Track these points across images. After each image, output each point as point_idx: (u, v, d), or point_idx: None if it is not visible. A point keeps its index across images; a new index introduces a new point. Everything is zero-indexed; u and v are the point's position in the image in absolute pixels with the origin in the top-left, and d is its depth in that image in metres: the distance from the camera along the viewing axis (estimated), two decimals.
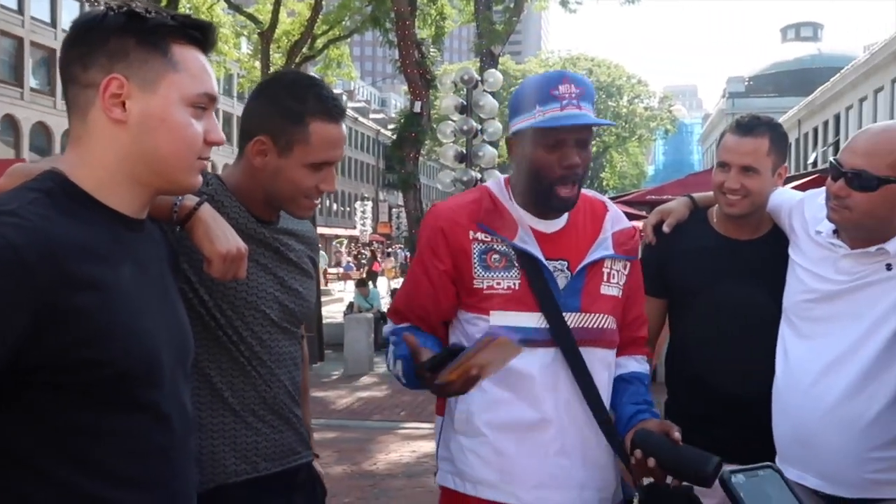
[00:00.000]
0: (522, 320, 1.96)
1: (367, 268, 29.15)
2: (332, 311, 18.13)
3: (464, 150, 11.77)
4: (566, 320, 1.99)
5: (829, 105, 34.48)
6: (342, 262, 36.27)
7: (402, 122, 15.56)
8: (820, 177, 9.67)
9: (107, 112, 1.34)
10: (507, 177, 2.15)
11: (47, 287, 1.19)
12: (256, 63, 23.97)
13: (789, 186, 2.69)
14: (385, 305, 15.78)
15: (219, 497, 1.85)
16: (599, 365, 2.06)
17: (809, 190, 2.50)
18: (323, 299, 16.48)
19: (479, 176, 11.49)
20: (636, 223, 2.58)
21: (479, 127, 11.74)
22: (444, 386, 1.76)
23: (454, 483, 2.04)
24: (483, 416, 1.99)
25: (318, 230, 3.05)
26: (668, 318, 2.74)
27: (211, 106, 1.44)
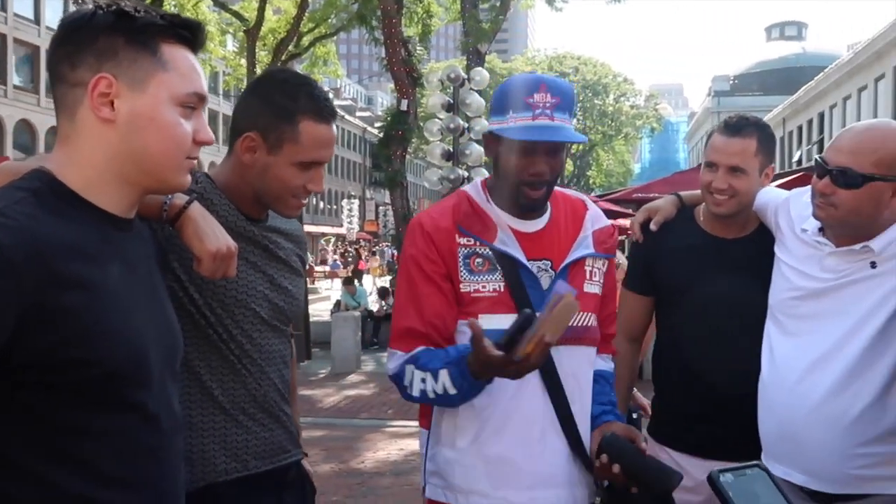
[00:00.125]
0: (509, 322, 1.95)
1: (353, 266, 29.10)
2: (318, 310, 18.10)
3: (451, 149, 11.77)
4: None
5: (814, 104, 34.69)
6: (328, 260, 36.16)
7: (388, 120, 15.53)
8: (805, 175, 9.74)
9: (95, 111, 1.34)
10: (484, 179, 2.15)
11: (34, 287, 1.19)
12: (242, 61, 23.84)
13: (774, 185, 2.71)
14: (372, 304, 15.77)
15: (209, 495, 1.85)
16: (584, 363, 2.07)
17: (795, 188, 2.52)
18: (310, 297, 16.43)
19: (465, 174, 11.49)
20: (623, 221, 2.59)
21: (466, 125, 11.75)
22: (522, 362, 1.68)
23: (445, 496, 2.03)
24: (470, 425, 1.99)
25: (305, 228, 3.04)
26: (656, 316, 2.76)
27: (200, 105, 1.44)
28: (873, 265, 2.15)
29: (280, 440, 1.99)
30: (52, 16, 35.20)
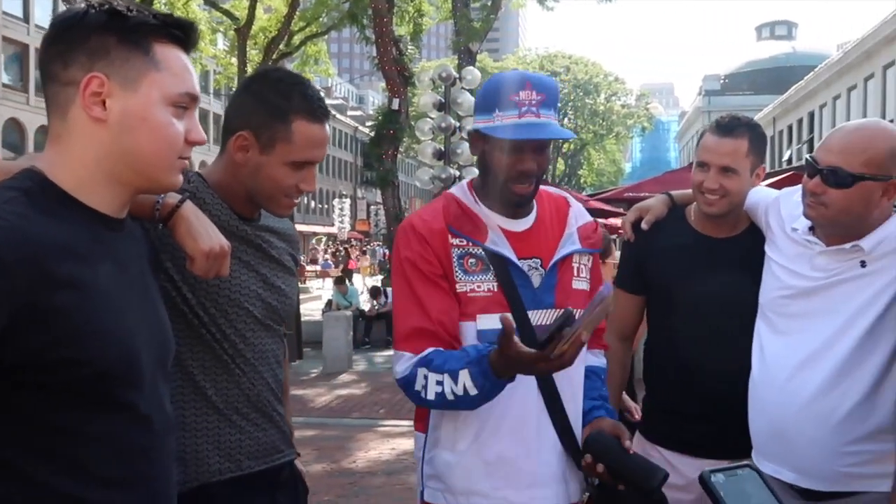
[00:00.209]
0: None
1: (342, 265, 29.04)
2: (310, 309, 18.07)
3: (442, 148, 11.78)
4: (544, 317, 2.00)
5: (804, 103, 34.85)
6: (318, 260, 36.10)
7: (379, 119, 15.56)
8: (795, 174, 9.79)
9: (87, 110, 1.33)
10: (470, 180, 2.15)
11: (25, 287, 1.19)
12: (233, 60, 23.83)
13: (765, 184, 2.72)
14: (364, 303, 15.76)
15: (203, 496, 1.84)
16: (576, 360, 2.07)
17: (785, 188, 2.53)
18: (301, 297, 16.45)
19: (457, 173, 11.51)
20: (614, 221, 2.60)
21: (458, 124, 11.75)
22: (555, 360, 1.64)
23: (445, 499, 2.02)
24: (469, 427, 1.98)
25: (296, 227, 3.02)
26: (647, 315, 2.76)
27: (192, 105, 1.44)
28: (863, 264, 2.16)
29: (273, 440, 1.99)
30: (42, 14, 35.03)
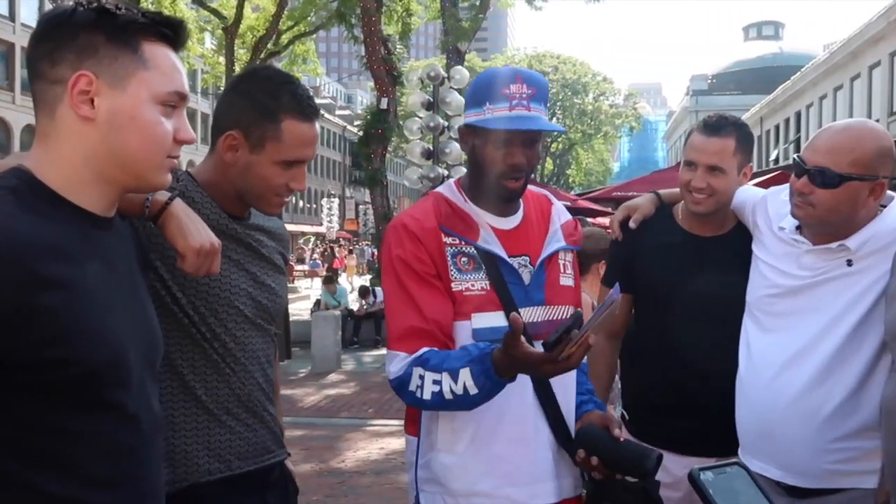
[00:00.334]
0: (500, 320, 1.95)
1: (328, 265, 28.93)
2: (298, 309, 18.03)
3: (430, 147, 11.78)
4: (534, 314, 2.01)
5: (791, 103, 35.04)
6: (305, 259, 35.96)
7: (368, 118, 15.55)
8: (782, 173, 9.83)
9: (75, 109, 1.33)
10: (457, 179, 2.15)
11: (13, 287, 1.18)
12: (221, 59, 23.76)
13: (752, 183, 2.73)
14: (352, 303, 15.74)
15: (192, 496, 1.83)
16: None
17: (772, 187, 2.55)
18: (290, 296, 16.40)
19: (445, 173, 11.51)
20: (602, 220, 2.61)
21: (446, 124, 11.75)
22: (562, 362, 1.64)
23: (444, 502, 2.01)
24: (467, 428, 1.98)
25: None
26: (634, 313, 2.77)
27: (181, 104, 1.43)
28: (849, 263, 2.18)
29: (264, 440, 1.98)
30: (28, 13, 34.80)
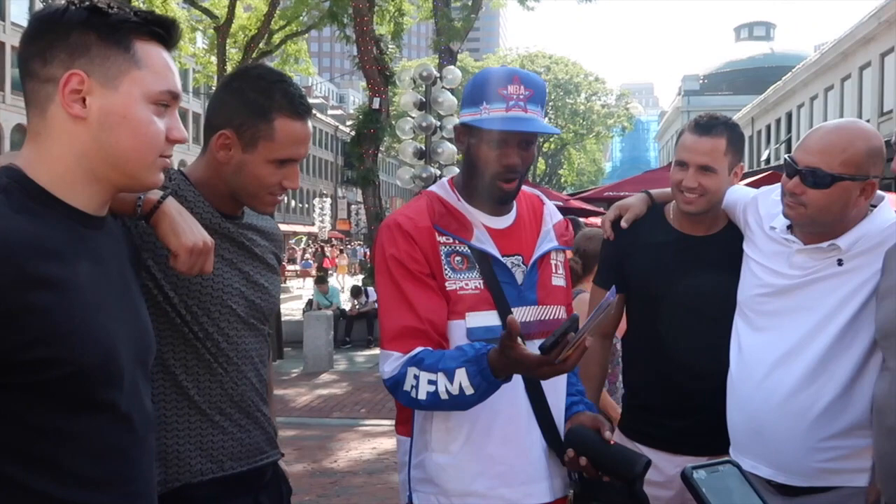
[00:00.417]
0: (494, 319, 1.96)
1: (318, 264, 28.83)
2: (290, 309, 18.01)
3: (423, 147, 11.77)
4: (526, 314, 2.01)
5: (782, 103, 35.16)
6: (295, 259, 35.88)
7: (360, 118, 15.54)
8: (773, 173, 9.87)
9: (66, 108, 1.32)
10: (451, 178, 2.15)
11: (3, 286, 1.18)
12: (212, 58, 23.70)
13: (743, 183, 2.74)
14: (345, 303, 15.72)
15: (184, 496, 1.83)
16: None
17: (763, 187, 2.56)
18: (282, 296, 16.37)
19: (438, 172, 11.49)
20: (594, 220, 2.61)
21: (438, 123, 11.74)
22: (559, 365, 1.65)
23: (439, 502, 2.00)
24: (461, 428, 1.98)
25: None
26: (626, 313, 2.78)
27: (174, 103, 1.43)
28: (840, 263, 2.19)
29: (257, 441, 1.97)
30: (18, 12, 34.64)
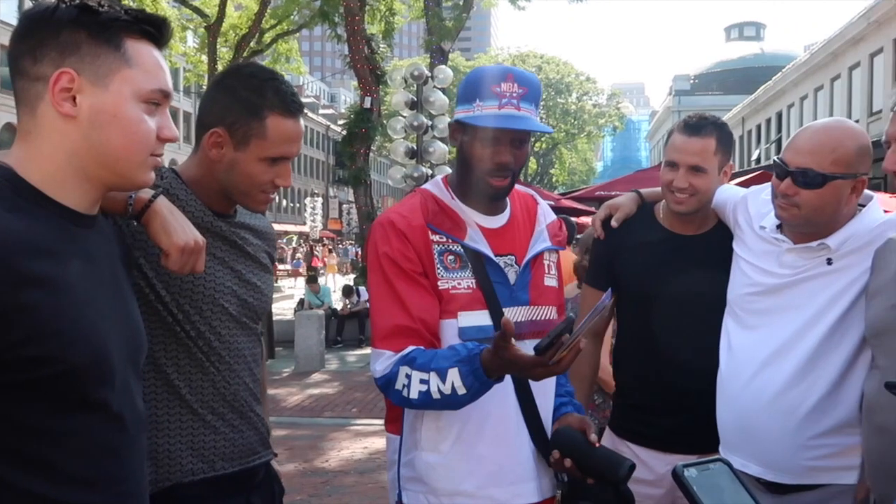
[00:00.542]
0: (486, 319, 1.96)
1: (307, 264, 28.72)
2: (282, 308, 17.98)
3: (414, 147, 11.77)
4: (518, 314, 2.01)
5: (772, 103, 35.30)
6: (285, 259, 35.76)
7: (351, 117, 15.53)
8: (764, 173, 9.91)
9: (56, 106, 1.32)
10: (445, 176, 2.15)
11: None
12: (203, 57, 23.64)
13: (734, 183, 2.75)
14: (336, 302, 15.71)
15: (175, 495, 1.82)
16: None
17: (753, 186, 2.57)
18: (273, 296, 16.34)
19: (429, 172, 11.49)
20: (585, 219, 2.61)
21: (430, 123, 11.74)
22: (553, 366, 1.66)
23: (427, 501, 2.00)
24: (451, 427, 1.98)
25: None
26: (616, 312, 2.79)
27: (165, 102, 1.43)
28: (829, 262, 2.20)
29: (249, 442, 1.96)
30: (7, 10, 34.43)
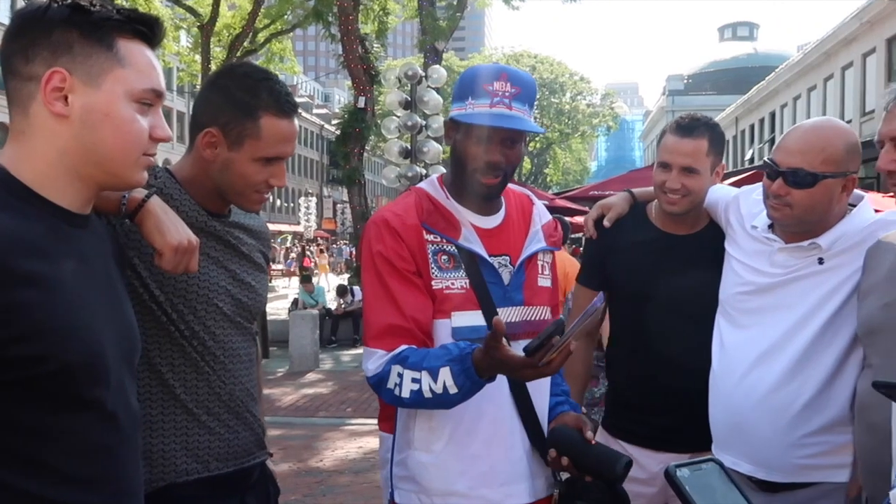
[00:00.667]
0: (480, 319, 1.96)
1: (298, 264, 28.66)
2: (276, 308, 17.96)
3: (408, 146, 11.76)
4: (512, 315, 2.01)
5: (765, 103, 35.39)
6: (276, 258, 35.68)
7: (346, 117, 15.53)
8: (757, 173, 9.93)
9: (48, 106, 1.33)
10: (440, 175, 2.15)
11: None
12: (196, 57, 23.58)
13: (727, 183, 2.76)
14: (330, 302, 15.69)
15: (170, 495, 1.82)
16: None
17: (744, 186, 2.58)
18: (268, 296, 16.32)
19: (423, 172, 11.49)
20: (580, 219, 2.61)
21: (424, 123, 11.74)
22: (542, 367, 1.66)
23: (420, 501, 2.00)
24: (444, 427, 1.98)
25: None
26: (609, 311, 2.79)
27: (157, 102, 1.43)
28: (820, 261, 2.21)
29: (245, 442, 1.96)
30: (1, 10, 34.34)
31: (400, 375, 1.86)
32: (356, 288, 14.41)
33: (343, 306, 14.82)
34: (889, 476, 1.63)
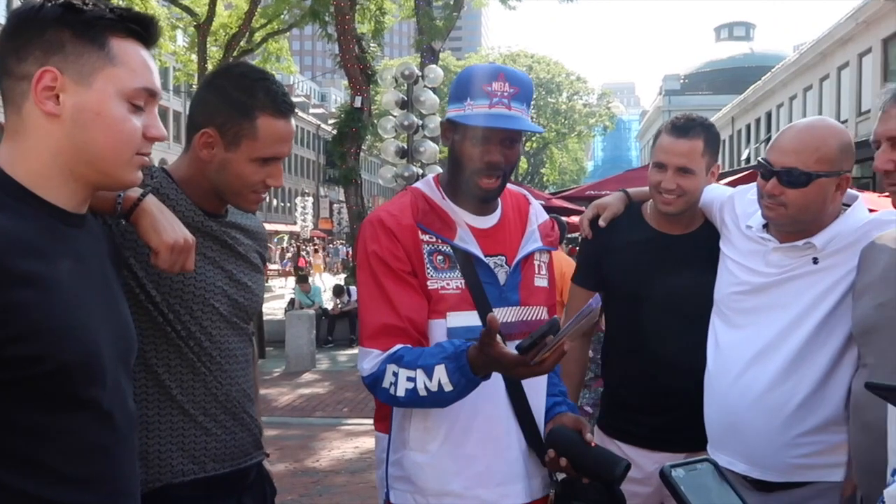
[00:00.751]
0: (475, 320, 1.95)
1: (293, 264, 28.61)
2: (272, 308, 17.95)
3: (405, 146, 11.76)
4: (509, 315, 2.01)
5: (761, 103, 35.43)
6: (271, 258, 35.62)
7: (342, 117, 15.53)
8: (753, 172, 9.94)
9: (39, 105, 1.32)
10: (436, 175, 2.14)
11: None
12: (193, 56, 23.59)
13: (724, 182, 2.76)
14: (327, 302, 15.68)
15: (166, 496, 1.82)
16: None
17: (739, 186, 2.58)
18: (264, 296, 16.30)
19: (420, 171, 11.49)
20: (576, 219, 2.61)
21: (420, 122, 11.74)
22: (536, 366, 1.67)
23: (415, 501, 2.00)
24: (439, 427, 1.97)
25: None
26: (604, 311, 2.79)
27: (152, 101, 1.43)
28: (815, 261, 2.22)
29: (241, 443, 1.96)
30: None
31: (395, 374, 1.86)
32: (353, 288, 14.40)
33: (340, 306, 14.81)
34: (884, 475, 1.63)
